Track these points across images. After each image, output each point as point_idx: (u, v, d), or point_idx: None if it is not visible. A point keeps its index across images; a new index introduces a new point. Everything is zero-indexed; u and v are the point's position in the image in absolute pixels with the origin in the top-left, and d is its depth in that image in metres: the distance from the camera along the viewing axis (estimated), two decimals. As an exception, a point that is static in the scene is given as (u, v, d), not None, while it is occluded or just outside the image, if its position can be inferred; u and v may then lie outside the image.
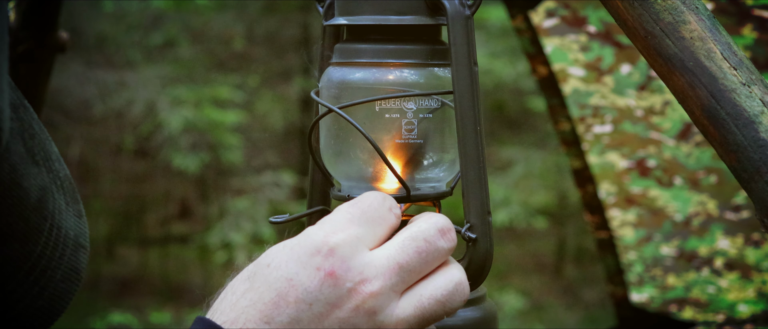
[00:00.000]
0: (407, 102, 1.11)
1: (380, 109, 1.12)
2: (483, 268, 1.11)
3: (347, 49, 1.14)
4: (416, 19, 1.11)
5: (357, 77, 1.13)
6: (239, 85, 6.17)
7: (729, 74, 1.03)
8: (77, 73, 5.75)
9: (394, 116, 1.12)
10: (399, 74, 1.12)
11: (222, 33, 6.42)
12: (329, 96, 1.14)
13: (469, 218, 1.10)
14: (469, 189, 1.10)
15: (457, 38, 1.08)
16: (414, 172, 1.14)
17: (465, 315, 1.13)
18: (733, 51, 1.04)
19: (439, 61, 1.13)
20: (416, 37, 1.13)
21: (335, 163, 1.15)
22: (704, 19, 1.05)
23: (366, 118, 1.11)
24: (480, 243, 1.10)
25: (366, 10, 1.12)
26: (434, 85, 1.12)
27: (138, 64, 6.01)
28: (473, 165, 1.10)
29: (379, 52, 1.12)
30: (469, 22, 1.09)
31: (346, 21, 1.13)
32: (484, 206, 1.10)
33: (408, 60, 1.12)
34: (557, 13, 2.49)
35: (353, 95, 1.12)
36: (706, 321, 2.62)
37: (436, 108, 1.13)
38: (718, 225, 2.59)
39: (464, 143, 1.09)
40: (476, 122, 1.09)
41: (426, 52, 1.12)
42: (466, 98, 1.09)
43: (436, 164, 1.14)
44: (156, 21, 6.12)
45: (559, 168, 6.04)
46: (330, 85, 1.14)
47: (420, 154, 1.13)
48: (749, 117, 1.02)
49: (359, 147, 1.13)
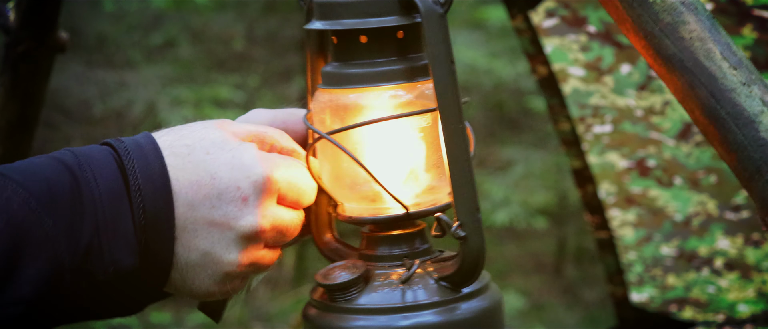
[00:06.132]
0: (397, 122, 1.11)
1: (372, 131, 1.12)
2: (476, 265, 1.12)
3: (335, 74, 1.14)
4: (393, 20, 1.11)
5: (345, 102, 1.13)
6: (239, 85, 6.17)
7: (729, 74, 1.04)
8: (77, 73, 5.74)
9: (390, 137, 1.12)
10: (387, 97, 1.13)
11: (222, 33, 6.42)
12: (319, 120, 1.15)
13: (459, 216, 1.10)
14: (457, 189, 1.10)
15: (433, 37, 1.09)
16: (413, 188, 1.15)
17: (470, 307, 1.13)
18: (733, 51, 1.04)
19: (425, 76, 1.13)
20: (400, 52, 1.13)
21: (335, 187, 1.16)
22: (703, 20, 1.05)
23: (359, 142, 1.12)
24: (471, 240, 1.11)
25: (343, 13, 1.12)
26: (422, 103, 1.13)
27: (138, 64, 6.01)
28: (459, 164, 1.10)
29: (366, 77, 1.13)
30: (443, 21, 1.09)
31: (322, 25, 1.13)
32: (473, 203, 1.10)
33: (395, 82, 1.12)
34: (557, 13, 2.49)
35: (343, 118, 1.13)
36: (706, 321, 2.62)
37: (427, 126, 1.13)
38: (718, 225, 2.59)
39: (448, 141, 1.10)
40: (459, 119, 1.09)
41: (411, 70, 1.13)
42: (447, 97, 1.09)
43: (435, 177, 1.15)
44: (156, 21, 6.12)
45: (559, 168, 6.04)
46: (320, 110, 1.15)
47: (415, 170, 1.14)
48: (749, 116, 1.02)
49: (353, 170, 1.13)
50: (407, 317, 1.12)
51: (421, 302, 1.12)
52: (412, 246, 1.17)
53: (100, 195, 1.04)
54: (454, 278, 1.13)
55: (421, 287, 1.13)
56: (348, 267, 1.15)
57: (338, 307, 1.13)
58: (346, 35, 1.13)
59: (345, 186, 1.15)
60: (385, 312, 1.12)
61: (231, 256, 1.09)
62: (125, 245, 1.05)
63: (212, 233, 1.08)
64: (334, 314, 1.13)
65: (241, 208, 1.08)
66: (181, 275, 1.09)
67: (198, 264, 1.09)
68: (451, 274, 1.13)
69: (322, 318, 1.14)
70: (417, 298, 1.13)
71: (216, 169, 1.08)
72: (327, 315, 1.14)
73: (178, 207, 1.06)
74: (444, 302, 1.13)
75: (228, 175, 1.09)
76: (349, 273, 1.14)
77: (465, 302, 1.13)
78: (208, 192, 1.08)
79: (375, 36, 1.12)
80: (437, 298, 1.13)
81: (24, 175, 1.03)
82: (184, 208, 1.07)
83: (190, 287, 1.10)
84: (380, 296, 1.13)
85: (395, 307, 1.12)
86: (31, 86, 2.27)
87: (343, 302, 1.13)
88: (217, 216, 1.07)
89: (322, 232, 1.23)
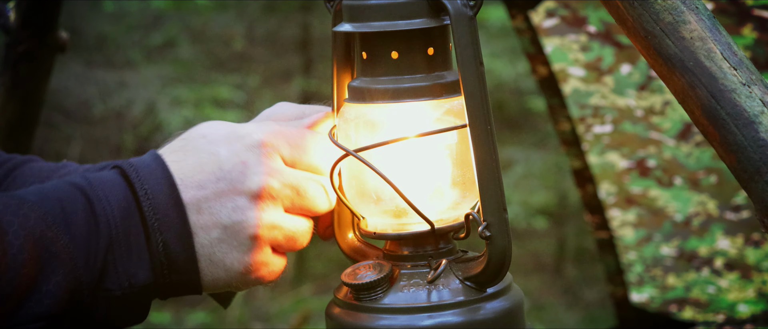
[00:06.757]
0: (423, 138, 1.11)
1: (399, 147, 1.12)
2: (502, 264, 1.12)
3: (363, 89, 1.14)
4: (422, 22, 1.11)
5: (372, 117, 1.13)
6: (239, 85, 6.17)
7: (729, 74, 1.03)
8: (77, 73, 5.74)
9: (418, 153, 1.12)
10: (415, 113, 1.13)
11: (222, 33, 6.41)
12: (345, 135, 1.15)
13: (486, 217, 1.10)
14: (484, 189, 1.10)
15: (462, 39, 1.09)
16: (437, 205, 1.15)
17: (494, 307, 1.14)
18: (733, 51, 1.04)
19: (453, 93, 1.13)
20: (430, 69, 1.13)
21: (359, 202, 1.16)
22: (704, 19, 1.05)
23: (386, 158, 1.12)
24: (497, 240, 1.11)
25: (372, 15, 1.12)
26: (450, 120, 1.13)
27: (138, 64, 6.01)
28: (487, 165, 1.10)
29: (395, 92, 1.12)
30: (473, 23, 1.09)
31: (351, 28, 1.13)
32: (500, 204, 1.11)
33: (424, 98, 1.13)
34: (557, 13, 2.49)
35: (371, 133, 1.13)
36: (706, 321, 2.62)
37: (454, 142, 1.13)
38: (718, 225, 2.59)
39: (477, 143, 1.10)
40: (487, 121, 1.10)
41: (439, 86, 1.13)
42: (476, 98, 1.10)
43: (460, 193, 1.15)
44: (156, 21, 6.12)
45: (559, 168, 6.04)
46: (346, 125, 1.15)
47: (440, 186, 1.14)
48: (749, 117, 1.02)
49: (379, 186, 1.13)
50: (432, 316, 1.12)
51: (446, 301, 1.13)
52: (437, 246, 1.17)
53: (112, 212, 1.05)
54: (479, 278, 1.13)
55: (446, 287, 1.14)
56: (374, 267, 1.15)
57: (363, 306, 1.13)
58: (376, 49, 1.13)
59: (370, 201, 1.15)
60: (410, 311, 1.12)
61: (248, 217, 1.10)
62: (139, 260, 1.06)
63: (224, 203, 1.09)
64: (359, 313, 1.14)
65: (243, 172, 1.10)
66: (211, 261, 1.10)
67: (222, 240, 1.10)
68: (476, 274, 1.13)
69: (347, 317, 1.14)
70: (442, 298, 1.13)
71: (215, 147, 1.11)
72: (351, 314, 1.14)
73: (186, 193, 1.08)
74: (468, 302, 1.13)
75: (226, 148, 1.11)
76: (375, 272, 1.14)
77: (489, 302, 1.14)
78: (212, 168, 1.10)
79: (406, 52, 1.12)
80: (462, 298, 1.13)
81: (38, 196, 1.06)
82: (194, 191, 1.09)
83: (224, 269, 1.10)
84: (406, 296, 1.13)
85: (420, 307, 1.12)
86: (31, 86, 2.27)
87: (368, 301, 1.13)
88: (224, 186, 1.10)
89: (345, 232, 1.23)
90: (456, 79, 1.13)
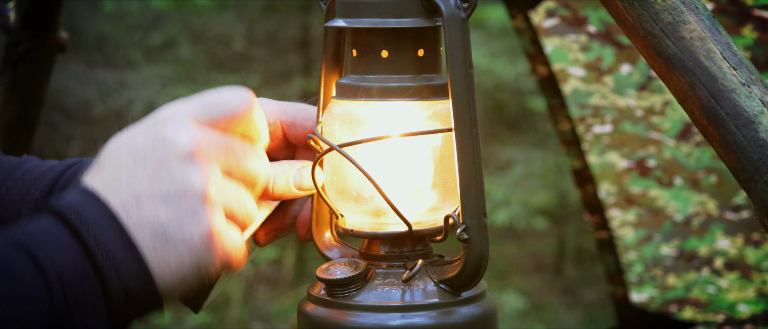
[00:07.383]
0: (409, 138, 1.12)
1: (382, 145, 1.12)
2: (479, 268, 1.12)
3: (351, 86, 1.14)
4: (414, 21, 1.11)
5: (358, 114, 1.13)
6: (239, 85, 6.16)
7: (729, 74, 1.03)
8: (77, 73, 5.75)
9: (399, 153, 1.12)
10: (401, 112, 1.13)
11: (222, 33, 6.42)
12: (329, 131, 1.15)
13: (465, 219, 1.10)
14: (465, 192, 1.10)
15: (453, 40, 1.09)
16: (417, 206, 1.15)
17: (467, 312, 1.13)
18: (733, 51, 1.04)
19: (440, 96, 1.13)
20: (419, 70, 1.13)
21: (338, 199, 1.16)
22: (704, 19, 1.05)
23: (368, 156, 1.12)
24: (475, 244, 1.11)
25: (365, 12, 1.12)
26: (436, 122, 1.13)
27: (138, 64, 6.01)
28: (469, 168, 1.10)
29: (382, 91, 1.13)
30: (465, 25, 1.09)
31: (344, 23, 1.13)
32: (480, 208, 1.11)
33: (411, 98, 1.13)
34: (557, 13, 2.49)
35: (355, 130, 1.13)
36: (706, 321, 2.62)
37: (438, 145, 1.13)
38: (718, 225, 2.59)
39: (461, 145, 1.10)
40: (473, 124, 1.10)
41: (427, 88, 1.13)
42: (462, 100, 1.09)
43: (440, 197, 1.15)
44: (156, 21, 6.12)
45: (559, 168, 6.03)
46: (332, 121, 1.15)
47: (422, 188, 1.14)
48: (749, 117, 1.02)
49: (359, 183, 1.13)
50: (404, 316, 1.12)
51: (419, 303, 1.12)
52: (413, 248, 1.17)
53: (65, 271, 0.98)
54: (454, 281, 1.13)
55: (420, 288, 1.14)
56: (349, 264, 1.15)
57: (336, 303, 1.13)
58: (367, 48, 1.13)
59: (349, 199, 1.15)
60: (383, 310, 1.12)
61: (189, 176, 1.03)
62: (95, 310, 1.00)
63: (159, 175, 1.03)
64: (332, 309, 1.14)
65: (162, 139, 1.04)
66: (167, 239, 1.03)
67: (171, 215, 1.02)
68: (451, 277, 1.13)
69: (319, 313, 1.14)
70: (415, 299, 1.13)
71: (133, 140, 1.03)
72: (324, 310, 1.14)
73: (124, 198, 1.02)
74: (442, 304, 1.13)
75: (142, 135, 1.04)
76: (350, 269, 1.14)
77: (463, 306, 1.14)
78: (133, 157, 1.02)
79: (396, 51, 1.12)
80: (436, 300, 1.13)
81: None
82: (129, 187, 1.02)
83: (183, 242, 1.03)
84: (379, 294, 1.13)
85: (393, 306, 1.12)
86: (31, 86, 2.27)
87: (342, 298, 1.13)
88: (150, 163, 1.03)
89: (322, 231, 1.23)
90: (444, 83, 1.13)
